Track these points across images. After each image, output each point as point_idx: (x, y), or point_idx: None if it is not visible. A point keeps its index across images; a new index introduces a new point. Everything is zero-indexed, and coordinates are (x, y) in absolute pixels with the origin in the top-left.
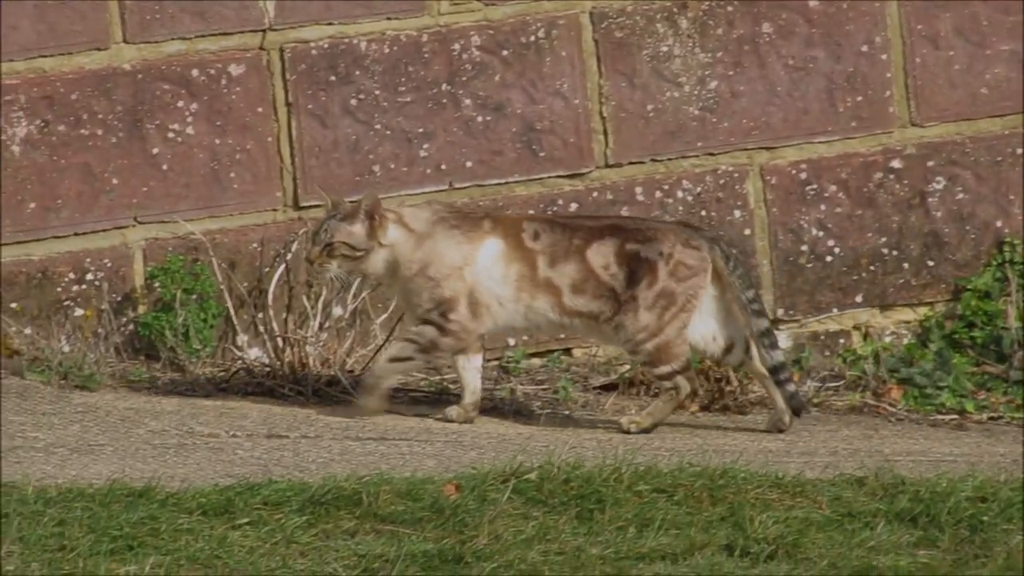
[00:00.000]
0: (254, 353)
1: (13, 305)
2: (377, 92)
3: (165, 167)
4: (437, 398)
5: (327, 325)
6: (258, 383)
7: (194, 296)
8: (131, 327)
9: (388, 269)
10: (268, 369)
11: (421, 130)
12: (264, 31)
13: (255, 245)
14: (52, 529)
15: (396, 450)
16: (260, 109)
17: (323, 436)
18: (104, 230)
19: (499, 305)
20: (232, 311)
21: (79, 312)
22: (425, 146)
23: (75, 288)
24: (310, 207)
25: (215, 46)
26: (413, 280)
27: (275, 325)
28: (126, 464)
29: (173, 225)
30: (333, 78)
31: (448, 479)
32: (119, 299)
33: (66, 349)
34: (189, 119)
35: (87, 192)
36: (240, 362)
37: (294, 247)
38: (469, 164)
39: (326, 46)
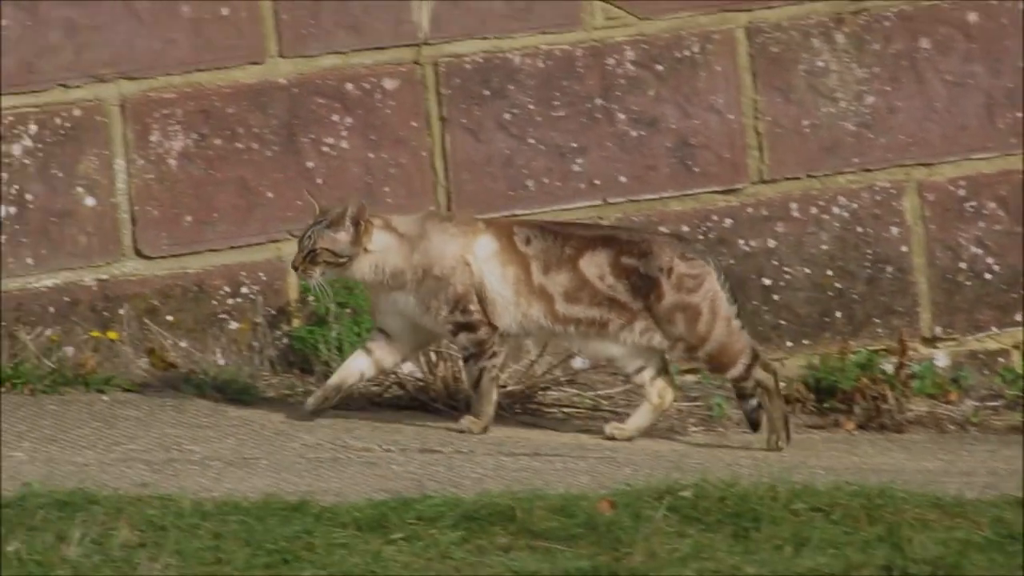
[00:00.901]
0: (407, 368)
1: (169, 318)
2: (531, 106)
3: (320, 181)
4: (591, 415)
5: None
6: (411, 398)
7: (348, 310)
8: (285, 340)
9: (378, 276)
10: (421, 384)
11: (575, 145)
12: (419, 45)
13: None
14: (208, 542)
15: (550, 466)
16: (414, 123)
17: (476, 451)
18: (259, 243)
19: (504, 307)
20: None
21: (234, 325)
22: (579, 161)
23: (230, 301)
24: None
25: (370, 60)
26: (423, 285)
27: None
28: (281, 478)
29: None
30: (487, 92)
31: (602, 495)
32: (274, 312)
33: (221, 362)
34: (343, 133)
35: (242, 206)
36: (393, 376)
37: None
38: (623, 179)
39: (480, 60)
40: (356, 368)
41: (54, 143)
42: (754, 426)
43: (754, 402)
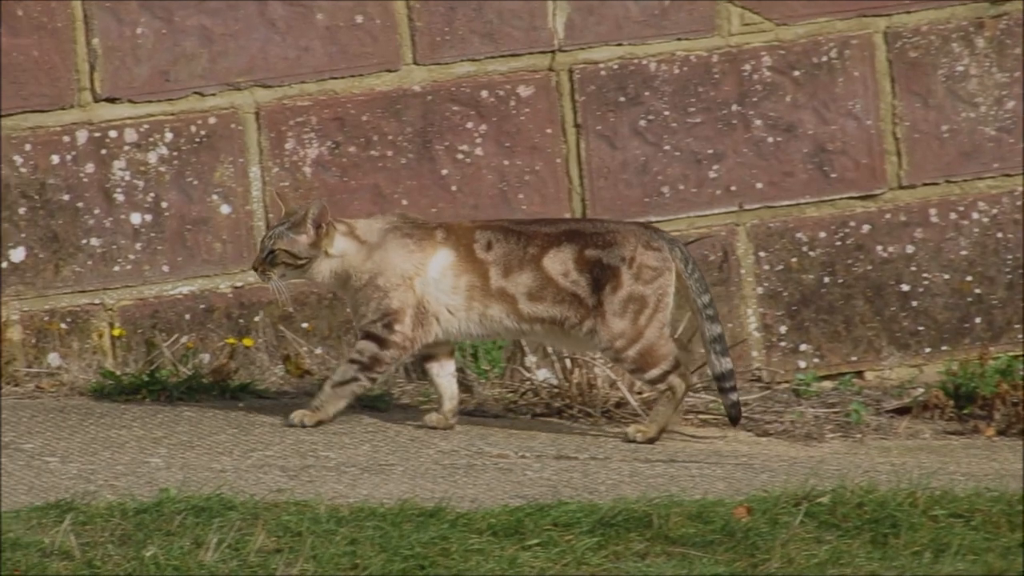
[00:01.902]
0: (542, 374)
1: (304, 325)
2: (666, 113)
3: (454, 188)
4: (726, 421)
5: None
6: (546, 404)
7: None
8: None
9: (338, 280)
10: (556, 390)
11: (711, 151)
12: (553, 52)
13: None
14: (344, 548)
15: (686, 472)
16: (549, 130)
17: (612, 457)
18: None
19: (449, 314)
20: None
21: None
22: (715, 167)
23: None
24: None
25: (504, 67)
26: (363, 290)
27: None
28: (416, 484)
29: None
30: (622, 99)
31: (739, 502)
32: None
33: None
34: (478, 140)
35: (376, 213)
36: (528, 383)
37: None
38: (759, 185)
39: (615, 67)
40: (448, 383)
41: (189, 151)
42: (734, 421)
43: (734, 396)
